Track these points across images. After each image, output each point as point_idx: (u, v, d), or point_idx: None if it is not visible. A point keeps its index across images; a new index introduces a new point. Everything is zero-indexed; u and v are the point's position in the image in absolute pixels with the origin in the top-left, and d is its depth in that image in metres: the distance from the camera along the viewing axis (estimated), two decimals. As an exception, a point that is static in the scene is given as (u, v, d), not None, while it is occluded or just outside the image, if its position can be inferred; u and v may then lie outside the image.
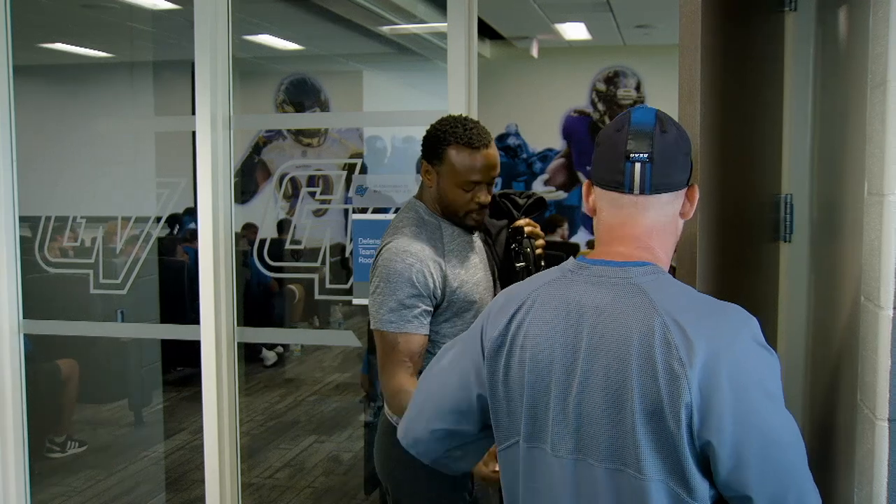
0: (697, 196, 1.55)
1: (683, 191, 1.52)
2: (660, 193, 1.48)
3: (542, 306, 1.51)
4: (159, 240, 3.93)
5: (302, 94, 7.94)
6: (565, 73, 9.39)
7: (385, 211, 3.23)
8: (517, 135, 9.47)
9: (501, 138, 9.40)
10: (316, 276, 3.27)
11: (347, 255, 3.22)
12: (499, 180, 7.97)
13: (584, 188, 1.58)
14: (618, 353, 1.40)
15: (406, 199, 3.24)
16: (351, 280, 3.15)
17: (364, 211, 3.24)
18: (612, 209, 1.51)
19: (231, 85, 3.24)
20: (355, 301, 3.14)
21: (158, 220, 3.64)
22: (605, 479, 1.42)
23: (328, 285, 3.31)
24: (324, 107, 7.82)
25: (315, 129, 6.97)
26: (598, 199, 1.54)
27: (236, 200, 3.30)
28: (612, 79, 9.37)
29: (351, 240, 3.16)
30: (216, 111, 3.18)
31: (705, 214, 1.78)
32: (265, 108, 7.43)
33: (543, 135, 9.37)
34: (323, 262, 3.30)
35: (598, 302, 1.45)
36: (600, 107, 9.40)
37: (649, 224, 1.49)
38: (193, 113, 3.21)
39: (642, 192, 1.46)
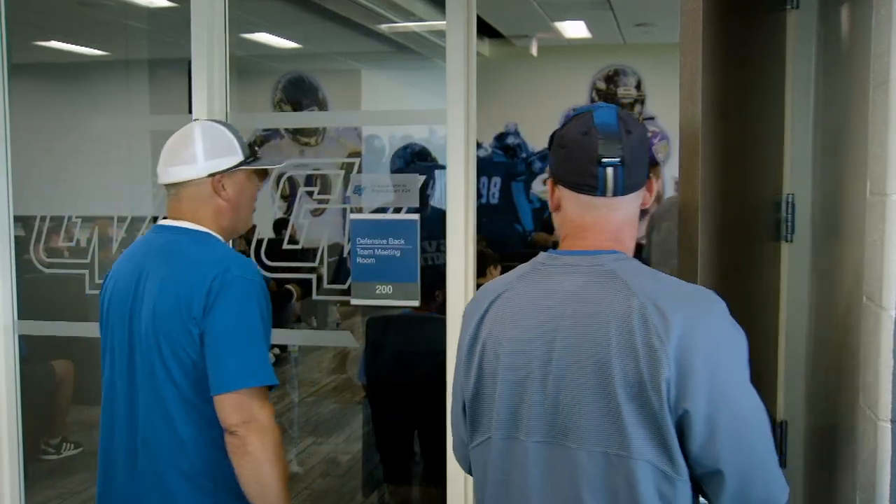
0: (654, 185, 1.63)
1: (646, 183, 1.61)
2: (629, 194, 1.56)
3: (516, 299, 1.57)
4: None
5: (300, 93, 7.93)
6: (565, 71, 9.38)
7: (383, 211, 3.23)
8: (516, 134, 9.46)
9: (501, 137, 9.39)
10: (314, 277, 3.27)
11: (345, 255, 3.21)
12: (497, 180, 7.94)
13: (548, 186, 1.64)
14: (596, 335, 1.46)
15: (403, 197, 3.25)
16: (349, 280, 3.15)
17: (362, 210, 3.24)
18: (581, 210, 1.57)
19: (228, 83, 3.23)
20: (353, 301, 3.14)
21: (155, 219, 3.64)
22: (587, 463, 1.46)
23: (326, 285, 3.31)
24: (322, 105, 7.81)
25: (313, 128, 6.97)
26: (563, 199, 1.60)
27: (233, 200, 3.28)
28: (612, 77, 9.37)
29: (349, 240, 3.16)
30: (213, 110, 3.18)
31: (707, 214, 1.78)
32: (262, 107, 7.41)
33: (543, 134, 9.29)
34: (321, 263, 3.30)
35: (573, 288, 1.51)
36: (600, 106, 9.41)
37: (619, 220, 1.57)
38: (190, 112, 3.21)
39: (615, 194, 1.54)
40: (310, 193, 3.38)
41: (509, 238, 7.03)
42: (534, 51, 8.99)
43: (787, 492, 1.52)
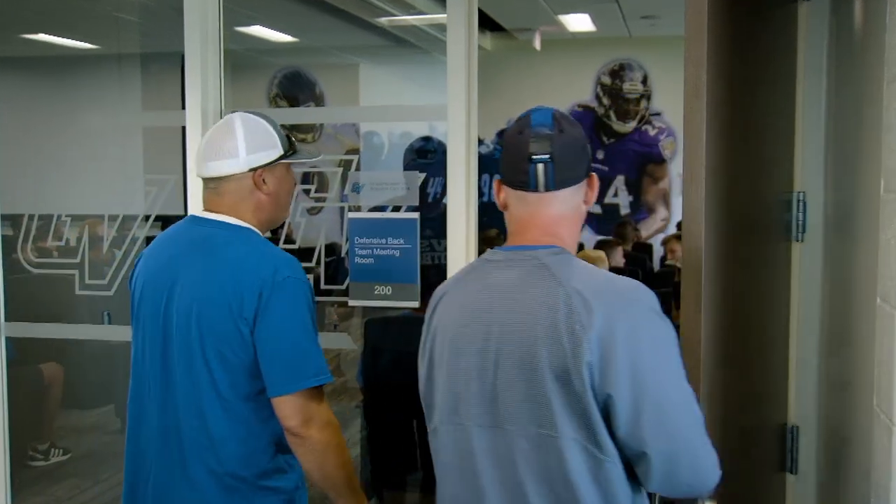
0: (597, 183, 1.78)
1: (585, 181, 1.75)
2: (562, 189, 1.71)
3: (461, 294, 1.76)
4: (147, 240, 3.92)
5: (296, 88, 7.92)
6: (569, 66, 9.38)
7: (382, 209, 3.23)
8: (519, 130, 9.45)
9: (503, 133, 9.40)
10: (311, 277, 3.27)
11: (343, 254, 3.21)
12: (499, 177, 7.87)
13: (494, 186, 1.81)
14: (527, 323, 1.61)
15: (403, 196, 3.24)
16: (347, 281, 3.14)
17: (360, 209, 3.24)
18: (519, 206, 1.75)
19: (222, 78, 3.23)
20: (351, 302, 3.14)
21: (147, 218, 3.63)
22: (523, 444, 1.62)
23: (323, 286, 3.30)
24: (319, 101, 7.80)
25: (310, 125, 6.95)
26: (507, 197, 1.78)
27: (228, 198, 3.28)
28: (618, 72, 9.36)
29: (347, 239, 3.16)
30: (207, 105, 3.18)
31: (711, 212, 1.78)
32: (258, 103, 7.41)
33: (546, 130, 9.33)
34: (318, 263, 3.30)
35: (508, 282, 1.68)
36: (605, 101, 9.39)
37: (555, 215, 1.73)
38: (183, 107, 3.20)
39: (547, 189, 1.70)
40: (307, 191, 3.38)
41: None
42: (537, 45, 8.98)
43: (718, 476, 1.62)
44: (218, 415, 2.15)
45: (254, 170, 2.23)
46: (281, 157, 2.27)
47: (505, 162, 1.77)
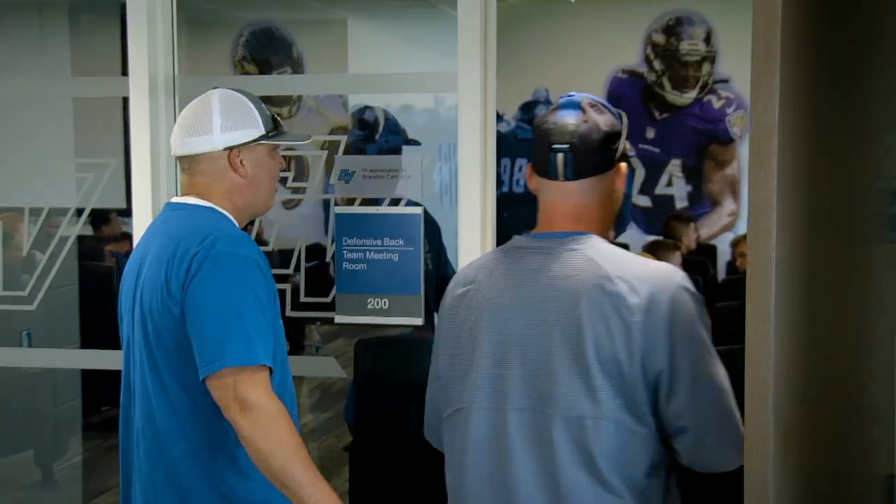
0: (625, 172, 2.21)
1: (612, 170, 2.17)
2: (583, 178, 2.13)
3: (494, 280, 2.15)
4: (80, 239, 3.93)
5: (268, 50, 7.94)
6: (611, 21, 9.38)
7: (377, 203, 3.23)
8: (548, 103, 9.46)
9: (527, 108, 9.41)
10: (288, 287, 3.27)
11: (328, 259, 3.22)
12: (523, 162, 7.92)
13: (527, 170, 2.22)
14: (570, 310, 2.01)
15: (403, 185, 3.24)
16: (333, 292, 3.15)
17: (350, 202, 3.24)
18: (547, 192, 2.18)
19: (175, 36, 3.23)
20: (338, 319, 3.14)
21: (80, 212, 3.64)
22: (562, 428, 2.00)
23: (303, 298, 3.31)
24: (297, 66, 7.82)
25: (285, 96, 6.98)
26: (539, 183, 2.19)
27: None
28: (674, 28, 9.34)
29: (333, 240, 3.16)
30: (155, 71, 3.18)
31: (786, 205, 1.76)
32: (220, 69, 7.42)
33: (583, 103, 9.34)
34: (296, 269, 3.30)
35: (545, 268, 2.08)
36: (657, 65, 9.38)
37: (579, 203, 2.15)
38: (125, 73, 3.21)
39: (566, 178, 2.13)
40: (282, 181, 3.38)
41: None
42: (571, -6, 8.99)
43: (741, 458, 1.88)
44: (163, 408, 2.43)
45: (229, 149, 2.50)
46: (261, 138, 2.53)
47: (533, 148, 2.17)
